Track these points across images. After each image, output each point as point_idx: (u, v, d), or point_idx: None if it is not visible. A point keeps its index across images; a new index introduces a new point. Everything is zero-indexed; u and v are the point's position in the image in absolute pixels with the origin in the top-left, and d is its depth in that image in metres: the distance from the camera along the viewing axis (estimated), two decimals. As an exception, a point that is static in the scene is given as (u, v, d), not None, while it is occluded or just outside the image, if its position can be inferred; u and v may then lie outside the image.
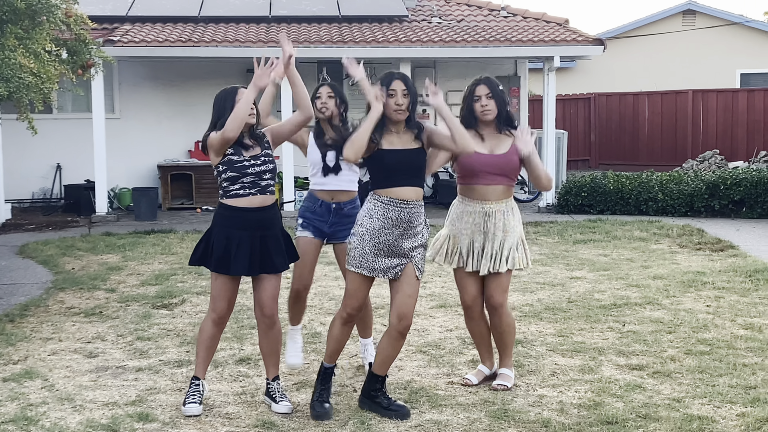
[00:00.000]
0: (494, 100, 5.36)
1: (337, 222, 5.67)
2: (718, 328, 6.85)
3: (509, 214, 5.38)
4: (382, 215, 4.95)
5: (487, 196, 5.34)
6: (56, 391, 5.53)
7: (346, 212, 5.67)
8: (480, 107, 5.37)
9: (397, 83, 5.00)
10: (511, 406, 5.16)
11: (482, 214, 5.34)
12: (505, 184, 5.37)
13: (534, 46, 15.37)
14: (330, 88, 5.74)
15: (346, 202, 5.69)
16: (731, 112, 20.64)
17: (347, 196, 5.71)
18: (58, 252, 10.94)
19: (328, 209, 5.68)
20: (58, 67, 8.74)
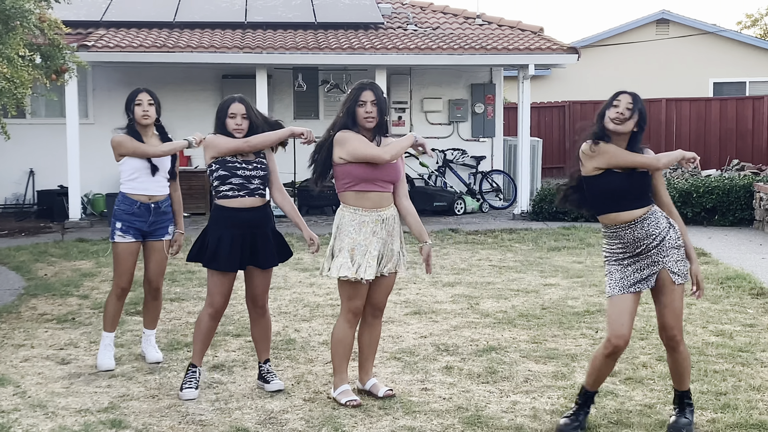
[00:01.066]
0: (377, 107, 5.28)
1: (156, 221, 6.10)
2: (689, 335, 6.91)
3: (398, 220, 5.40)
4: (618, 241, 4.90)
5: (381, 204, 5.29)
6: (28, 397, 5.49)
7: (163, 209, 6.13)
8: (364, 113, 5.26)
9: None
10: (484, 412, 5.18)
11: (379, 222, 5.27)
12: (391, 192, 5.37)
13: (509, 54, 15.45)
14: (149, 95, 6.07)
15: (163, 201, 6.15)
16: (704, 120, 20.84)
17: (163, 197, 6.17)
18: (31, 258, 10.86)
19: (148, 209, 6.06)
20: (31, 72, 8.68)
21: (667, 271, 4.81)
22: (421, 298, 8.45)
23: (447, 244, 12.13)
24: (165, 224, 6.16)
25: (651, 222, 4.80)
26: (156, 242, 6.14)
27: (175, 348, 6.64)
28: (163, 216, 6.14)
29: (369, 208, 5.27)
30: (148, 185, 6.05)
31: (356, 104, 5.23)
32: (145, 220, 6.05)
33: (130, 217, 6.03)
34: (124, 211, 6.05)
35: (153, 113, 6.06)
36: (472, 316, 7.69)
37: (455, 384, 5.75)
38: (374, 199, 5.26)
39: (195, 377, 5.52)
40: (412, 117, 17.33)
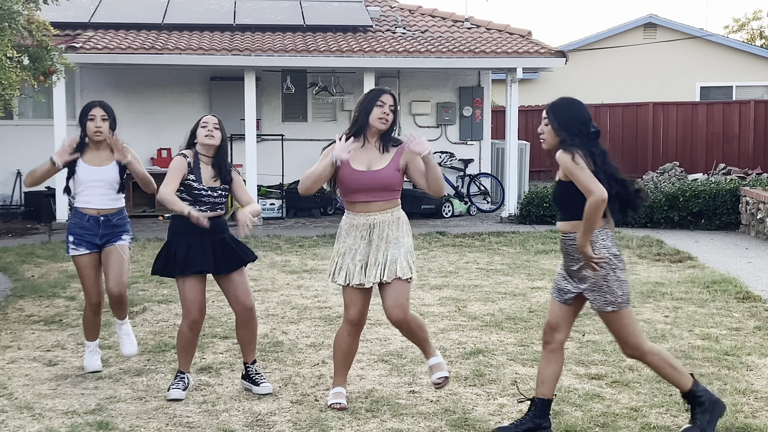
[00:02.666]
0: (394, 114, 5.30)
1: (107, 233, 5.92)
2: (675, 339, 6.95)
3: (394, 225, 5.29)
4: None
5: (369, 209, 5.27)
6: (15, 399, 5.47)
7: (114, 223, 5.96)
8: (381, 113, 5.26)
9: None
10: (471, 415, 5.20)
11: (367, 227, 5.26)
12: (384, 200, 5.28)
13: (497, 57, 15.50)
14: (103, 109, 5.89)
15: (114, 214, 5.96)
16: (691, 124, 20.95)
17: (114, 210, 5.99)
18: (18, 259, 10.83)
19: (97, 222, 5.90)
20: (19, 73, 8.68)
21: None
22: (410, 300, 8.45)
23: (434, 247, 12.15)
24: (118, 234, 5.95)
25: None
26: (109, 247, 5.90)
27: (163, 350, 6.63)
28: (113, 229, 5.94)
29: (358, 212, 5.29)
30: (93, 199, 5.89)
31: (374, 104, 5.22)
32: (96, 233, 5.90)
33: (81, 230, 5.89)
34: (75, 224, 5.92)
35: (106, 129, 5.87)
36: (459, 318, 7.71)
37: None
38: (363, 204, 5.27)
39: (183, 380, 5.57)
40: (400, 120, 17.35)
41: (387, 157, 5.30)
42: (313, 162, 5.55)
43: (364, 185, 5.24)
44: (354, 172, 5.24)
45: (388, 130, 5.28)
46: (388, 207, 5.30)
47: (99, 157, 5.91)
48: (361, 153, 5.29)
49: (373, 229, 5.26)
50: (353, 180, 5.24)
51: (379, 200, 5.28)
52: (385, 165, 5.27)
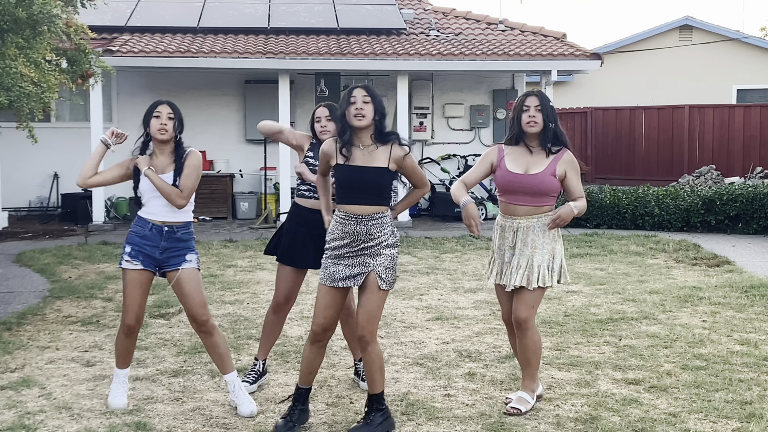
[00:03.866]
0: (542, 113, 5.30)
1: (170, 247, 5.32)
2: (714, 344, 6.87)
3: (540, 232, 5.28)
4: (340, 230, 4.91)
5: (517, 212, 5.30)
6: (54, 399, 5.53)
7: (179, 236, 5.34)
8: (527, 118, 5.31)
9: (359, 91, 4.97)
10: (507, 419, 5.17)
11: (512, 230, 5.31)
12: (535, 204, 5.28)
13: (531, 59, 15.44)
14: (170, 107, 5.37)
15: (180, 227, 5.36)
16: (727, 127, 20.70)
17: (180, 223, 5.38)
18: (55, 260, 10.94)
19: (160, 232, 5.32)
20: (58, 76, 8.76)
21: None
22: (443, 303, 8.45)
23: (468, 249, 12.11)
24: (181, 252, 5.33)
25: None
26: (172, 272, 5.31)
27: (199, 351, 6.67)
28: (177, 243, 5.33)
29: (506, 213, 5.37)
30: (155, 209, 5.33)
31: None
32: (156, 245, 5.30)
33: (140, 240, 5.31)
34: (135, 233, 5.35)
35: (171, 129, 5.32)
36: (494, 322, 7.68)
37: (478, 390, 5.74)
38: (512, 206, 5.33)
39: (255, 370, 5.76)
40: (434, 122, 17.33)
41: (545, 161, 5.28)
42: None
43: (516, 188, 5.26)
44: (510, 174, 5.26)
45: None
46: (536, 213, 5.30)
47: (162, 163, 5.35)
48: (519, 156, 5.31)
49: (517, 233, 5.29)
50: (507, 182, 5.27)
51: (528, 205, 5.29)
52: (542, 169, 5.25)
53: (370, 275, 4.88)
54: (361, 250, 4.88)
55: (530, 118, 5.28)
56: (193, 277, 5.30)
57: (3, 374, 6.06)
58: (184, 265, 5.30)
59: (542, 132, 5.31)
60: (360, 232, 4.86)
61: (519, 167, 5.30)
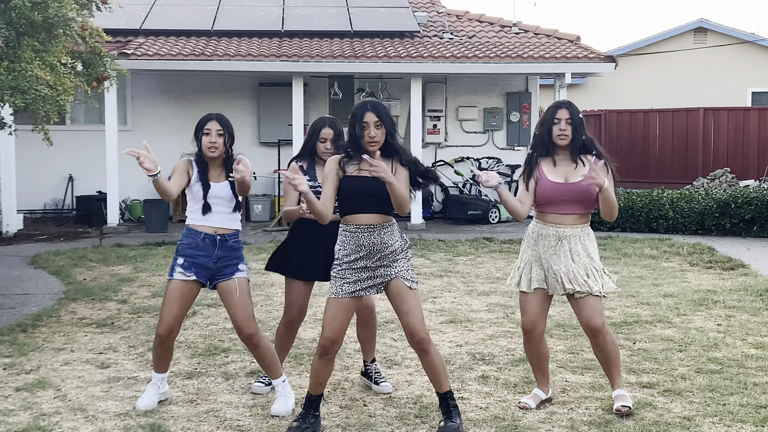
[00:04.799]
0: (572, 125, 5.31)
1: (224, 256, 5.33)
2: (728, 347, 6.85)
3: (585, 239, 5.31)
4: (354, 243, 4.89)
5: (561, 221, 5.29)
6: (69, 401, 5.55)
7: (231, 245, 5.36)
8: (558, 131, 5.31)
9: (369, 115, 4.90)
10: (521, 422, 5.17)
11: (556, 238, 5.29)
12: (580, 212, 5.31)
13: (545, 62, 15.42)
14: (219, 123, 5.35)
15: (231, 235, 5.37)
16: (742, 130, 20.62)
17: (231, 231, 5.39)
18: (70, 263, 10.99)
19: (213, 242, 5.31)
20: (73, 79, 8.80)
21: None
22: (457, 306, 8.44)
23: (482, 252, 12.10)
24: (234, 261, 5.36)
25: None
26: (225, 283, 5.32)
27: (213, 353, 6.69)
28: (230, 252, 5.35)
29: (549, 222, 5.32)
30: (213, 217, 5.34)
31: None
32: (210, 255, 5.31)
33: (192, 251, 5.30)
34: (187, 245, 5.33)
35: (221, 145, 5.33)
36: (507, 325, 7.67)
37: (492, 393, 5.74)
38: (555, 216, 5.31)
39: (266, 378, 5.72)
40: (447, 125, 17.33)
41: (582, 169, 5.29)
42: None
43: (561, 197, 5.26)
44: (553, 185, 5.27)
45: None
46: (580, 222, 5.32)
47: (214, 172, 5.38)
48: (555, 166, 5.32)
49: (562, 241, 5.27)
50: (551, 192, 5.26)
51: (575, 213, 5.30)
52: (582, 178, 5.24)
53: (394, 282, 4.92)
54: (379, 260, 4.90)
55: (561, 131, 5.30)
56: (244, 287, 5.32)
57: (18, 376, 6.10)
58: (237, 275, 5.32)
59: (571, 143, 5.32)
60: (375, 242, 4.87)
61: (559, 176, 5.31)
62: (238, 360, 6.51)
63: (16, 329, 7.43)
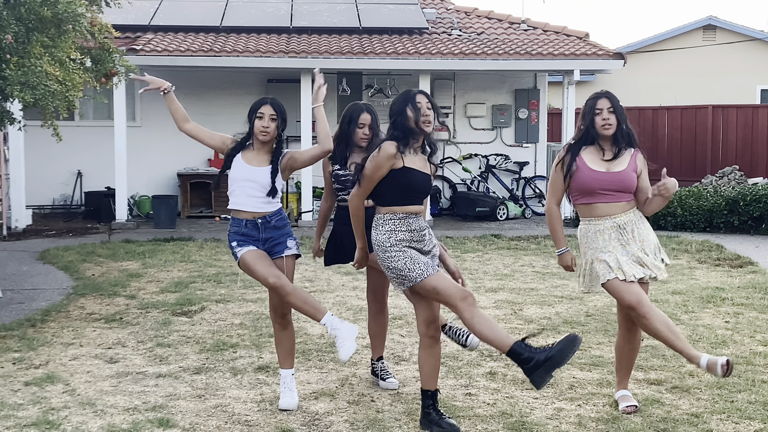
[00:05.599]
0: (615, 114, 5.26)
1: (269, 237, 5.35)
2: (736, 344, 6.84)
3: (640, 222, 5.26)
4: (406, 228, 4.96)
5: (612, 211, 5.22)
6: (77, 395, 5.57)
7: (274, 224, 5.37)
8: (601, 121, 5.25)
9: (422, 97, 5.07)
10: (529, 418, 5.17)
11: (615, 228, 5.21)
12: (625, 200, 5.24)
13: (554, 59, 15.40)
14: (273, 108, 5.38)
15: (272, 215, 5.37)
16: (751, 128, 20.55)
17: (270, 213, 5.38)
18: (79, 258, 11.02)
19: (255, 226, 5.34)
20: (82, 75, 8.82)
21: None
22: (465, 303, 8.43)
23: (489, 249, 12.10)
24: (282, 239, 5.37)
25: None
26: (276, 260, 5.33)
27: (221, 349, 6.70)
28: (275, 231, 5.36)
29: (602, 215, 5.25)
30: (243, 200, 5.36)
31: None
32: (257, 239, 5.33)
33: (241, 237, 5.34)
34: (235, 231, 5.37)
35: (273, 129, 5.35)
36: (515, 321, 7.67)
37: (499, 390, 5.74)
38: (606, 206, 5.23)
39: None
40: (456, 122, 17.32)
41: (624, 158, 5.25)
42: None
43: (604, 186, 5.20)
44: (595, 173, 5.20)
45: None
46: (631, 207, 5.27)
47: (258, 158, 5.39)
48: (595, 156, 5.25)
49: (624, 229, 5.21)
50: (594, 180, 5.19)
51: (624, 201, 5.25)
52: (625, 166, 5.22)
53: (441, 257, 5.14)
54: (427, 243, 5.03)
55: (604, 121, 5.23)
56: (290, 265, 5.37)
57: (27, 370, 6.12)
58: (286, 252, 5.36)
59: (616, 133, 5.27)
60: (420, 227, 4.98)
61: (600, 166, 5.23)
62: (246, 356, 6.53)
63: (25, 324, 7.46)
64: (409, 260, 4.87)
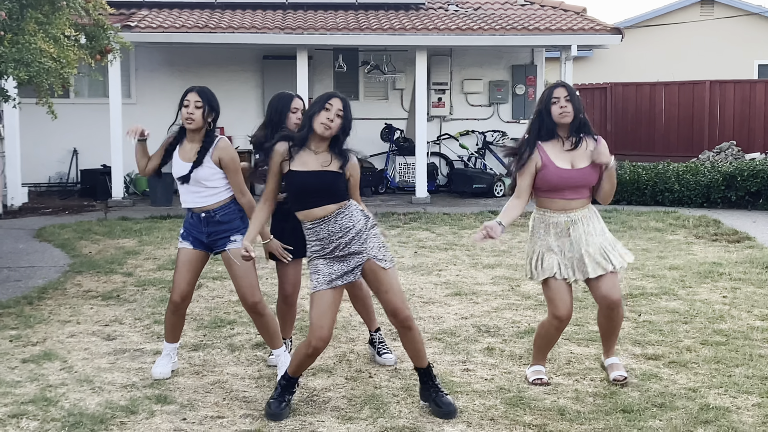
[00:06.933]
0: (572, 103, 5.23)
1: (213, 231, 5.35)
2: (734, 319, 6.84)
3: (593, 218, 5.27)
4: (314, 238, 4.81)
5: (570, 206, 5.24)
6: (75, 372, 5.57)
7: (218, 219, 5.34)
8: (558, 109, 5.22)
9: (336, 101, 4.77)
10: (526, 393, 5.18)
11: (568, 223, 5.22)
12: (585, 196, 5.27)
13: (551, 34, 15.33)
14: (198, 95, 5.32)
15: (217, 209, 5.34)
16: (748, 103, 20.51)
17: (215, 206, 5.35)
18: (75, 236, 11.00)
19: (199, 219, 5.36)
20: (77, 52, 8.76)
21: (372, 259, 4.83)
22: (462, 279, 8.44)
23: (487, 225, 12.08)
24: (225, 234, 5.36)
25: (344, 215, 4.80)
26: (222, 254, 5.39)
27: (219, 326, 6.70)
28: (219, 226, 5.35)
29: (557, 209, 5.25)
30: (186, 197, 5.41)
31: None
32: (201, 231, 5.38)
33: (189, 226, 5.43)
34: (186, 218, 5.46)
35: (199, 117, 5.30)
36: (513, 297, 7.67)
37: (497, 365, 5.75)
38: (564, 201, 5.22)
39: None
40: (452, 98, 17.26)
41: (585, 153, 5.22)
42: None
43: (569, 184, 5.19)
44: (561, 171, 5.18)
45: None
46: (586, 204, 5.28)
47: (192, 150, 5.36)
48: (559, 151, 5.22)
49: (575, 225, 5.21)
50: (560, 179, 5.18)
51: (582, 198, 5.25)
52: (587, 163, 5.21)
53: (367, 264, 4.81)
54: (347, 245, 4.77)
55: (562, 109, 5.21)
56: (235, 258, 5.27)
57: (25, 348, 6.12)
58: (229, 246, 5.33)
59: (572, 122, 5.25)
60: (334, 231, 4.76)
61: (565, 163, 5.22)
62: (244, 332, 6.52)
63: (22, 302, 7.45)
64: (312, 272, 4.81)
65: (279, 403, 4.85)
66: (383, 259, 4.83)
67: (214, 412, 4.89)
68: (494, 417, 4.82)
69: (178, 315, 5.51)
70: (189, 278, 5.40)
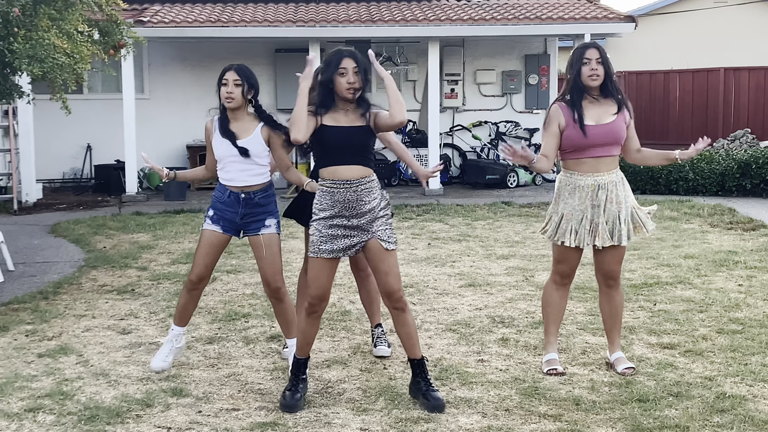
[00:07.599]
0: (603, 66, 5.18)
1: (249, 213, 5.33)
2: (750, 308, 6.81)
3: (620, 185, 5.25)
4: (329, 201, 4.78)
5: (598, 168, 5.19)
6: (91, 366, 5.60)
7: (257, 201, 5.33)
8: (589, 71, 5.16)
9: (348, 61, 4.82)
10: (541, 383, 5.17)
11: (594, 187, 5.19)
12: (614, 154, 5.22)
13: (564, 23, 15.27)
14: (237, 73, 5.30)
15: (257, 192, 5.33)
16: (763, 90, 20.37)
17: (257, 187, 5.34)
18: (90, 231, 11.05)
19: (238, 199, 5.32)
20: (90, 47, 8.79)
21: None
22: (476, 270, 8.43)
23: (500, 216, 12.07)
24: (261, 217, 5.35)
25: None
26: (253, 237, 5.35)
27: (233, 318, 6.72)
28: (256, 208, 5.34)
29: (585, 171, 5.20)
30: (233, 174, 5.31)
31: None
32: (236, 212, 5.33)
33: (221, 206, 5.36)
34: (216, 198, 5.39)
35: (238, 96, 5.26)
36: (527, 288, 7.66)
37: (511, 356, 5.74)
38: (593, 161, 5.17)
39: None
40: (465, 89, 17.22)
41: (612, 108, 5.19)
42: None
43: (596, 140, 5.13)
44: (586, 128, 5.12)
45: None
46: (614, 166, 5.25)
47: (239, 128, 5.31)
48: (585, 108, 5.17)
49: (600, 191, 5.19)
50: (584, 137, 5.11)
51: (609, 155, 5.20)
52: (614, 118, 5.17)
53: (371, 243, 4.79)
54: (356, 218, 4.76)
55: (592, 71, 5.15)
56: (271, 242, 5.32)
57: (41, 342, 6.15)
58: (263, 231, 5.32)
59: (603, 85, 5.21)
60: (350, 199, 4.75)
61: (590, 119, 5.16)
62: (258, 325, 6.54)
63: (37, 297, 7.49)
64: (314, 234, 4.80)
65: (293, 395, 4.86)
66: (388, 240, 4.82)
67: (230, 405, 4.91)
68: (509, 407, 4.81)
69: (192, 294, 5.49)
70: (208, 261, 5.40)
